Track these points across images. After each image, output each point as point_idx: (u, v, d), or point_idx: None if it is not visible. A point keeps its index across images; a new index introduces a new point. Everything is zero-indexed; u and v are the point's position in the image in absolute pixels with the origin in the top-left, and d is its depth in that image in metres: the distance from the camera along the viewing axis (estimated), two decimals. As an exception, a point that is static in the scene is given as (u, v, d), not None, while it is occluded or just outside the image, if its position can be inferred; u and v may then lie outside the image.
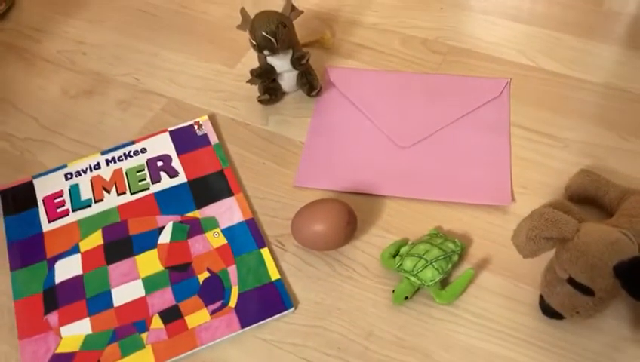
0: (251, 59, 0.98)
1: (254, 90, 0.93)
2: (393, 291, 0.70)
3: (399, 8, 1.08)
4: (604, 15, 1.04)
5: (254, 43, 0.83)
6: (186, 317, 0.71)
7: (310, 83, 0.91)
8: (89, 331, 0.70)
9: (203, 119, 0.91)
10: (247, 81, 0.89)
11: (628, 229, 0.63)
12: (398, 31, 1.04)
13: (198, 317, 0.71)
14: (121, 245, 0.78)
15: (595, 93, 0.91)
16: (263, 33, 0.81)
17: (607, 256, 0.59)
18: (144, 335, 0.70)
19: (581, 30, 1.01)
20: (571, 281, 0.62)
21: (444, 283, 0.72)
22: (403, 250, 0.73)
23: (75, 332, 0.71)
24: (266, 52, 0.84)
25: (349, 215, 0.73)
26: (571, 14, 1.04)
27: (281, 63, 0.88)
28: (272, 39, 0.82)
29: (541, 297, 0.68)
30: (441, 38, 1.02)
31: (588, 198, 0.76)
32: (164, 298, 0.73)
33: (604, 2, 1.06)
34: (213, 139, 0.89)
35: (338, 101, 0.93)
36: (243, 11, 0.86)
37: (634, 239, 0.62)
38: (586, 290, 0.61)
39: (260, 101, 0.92)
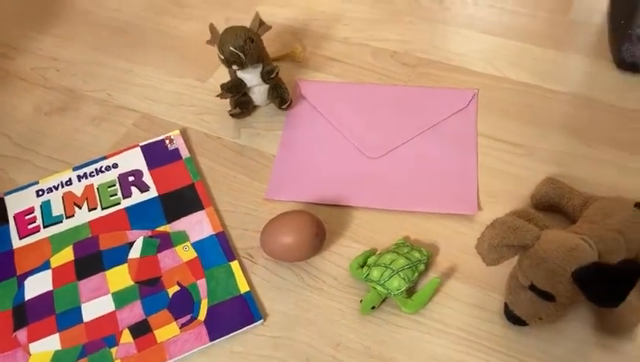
0: (223, 74, 0.99)
1: (226, 104, 0.94)
2: (360, 301, 0.71)
3: (369, 22, 1.10)
4: (569, 26, 1.06)
5: (223, 58, 0.84)
6: (155, 331, 0.71)
7: (281, 96, 0.92)
8: (58, 347, 0.71)
9: (175, 134, 0.92)
10: (218, 95, 0.89)
11: (588, 236, 0.64)
12: (368, 44, 1.05)
13: (167, 330, 0.71)
14: (91, 260, 0.78)
15: (562, 102, 0.93)
16: (231, 48, 0.82)
17: (567, 262, 0.60)
18: (114, 350, 0.70)
19: (548, 41, 1.03)
20: (533, 288, 0.63)
21: (410, 292, 0.72)
22: (370, 260, 0.73)
23: (45, 348, 0.71)
24: (234, 67, 0.85)
25: (317, 226, 0.74)
26: (538, 25, 1.06)
27: (250, 77, 0.89)
28: (240, 54, 0.83)
29: (505, 305, 0.68)
30: (410, 51, 1.03)
31: (552, 206, 0.77)
32: (134, 312, 0.73)
33: (569, 13, 1.08)
34: (185, 153, 0.89)
35: (309, 114, 0.94)
36: (212, 27, 0.87)
37: (594, 245, 0.63)
38: (547, 296, 0.62)
39: (232, 115, 0.93)
